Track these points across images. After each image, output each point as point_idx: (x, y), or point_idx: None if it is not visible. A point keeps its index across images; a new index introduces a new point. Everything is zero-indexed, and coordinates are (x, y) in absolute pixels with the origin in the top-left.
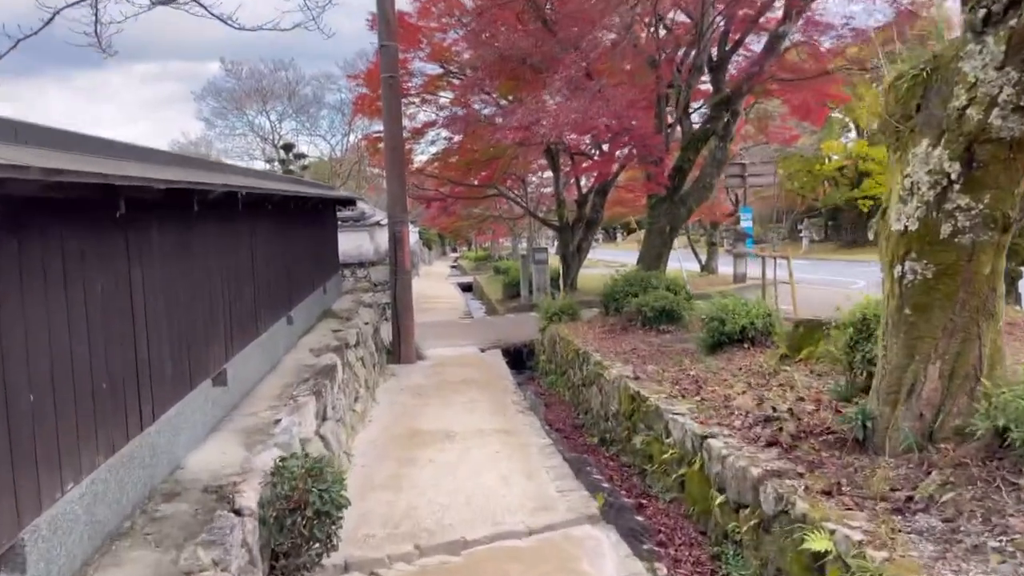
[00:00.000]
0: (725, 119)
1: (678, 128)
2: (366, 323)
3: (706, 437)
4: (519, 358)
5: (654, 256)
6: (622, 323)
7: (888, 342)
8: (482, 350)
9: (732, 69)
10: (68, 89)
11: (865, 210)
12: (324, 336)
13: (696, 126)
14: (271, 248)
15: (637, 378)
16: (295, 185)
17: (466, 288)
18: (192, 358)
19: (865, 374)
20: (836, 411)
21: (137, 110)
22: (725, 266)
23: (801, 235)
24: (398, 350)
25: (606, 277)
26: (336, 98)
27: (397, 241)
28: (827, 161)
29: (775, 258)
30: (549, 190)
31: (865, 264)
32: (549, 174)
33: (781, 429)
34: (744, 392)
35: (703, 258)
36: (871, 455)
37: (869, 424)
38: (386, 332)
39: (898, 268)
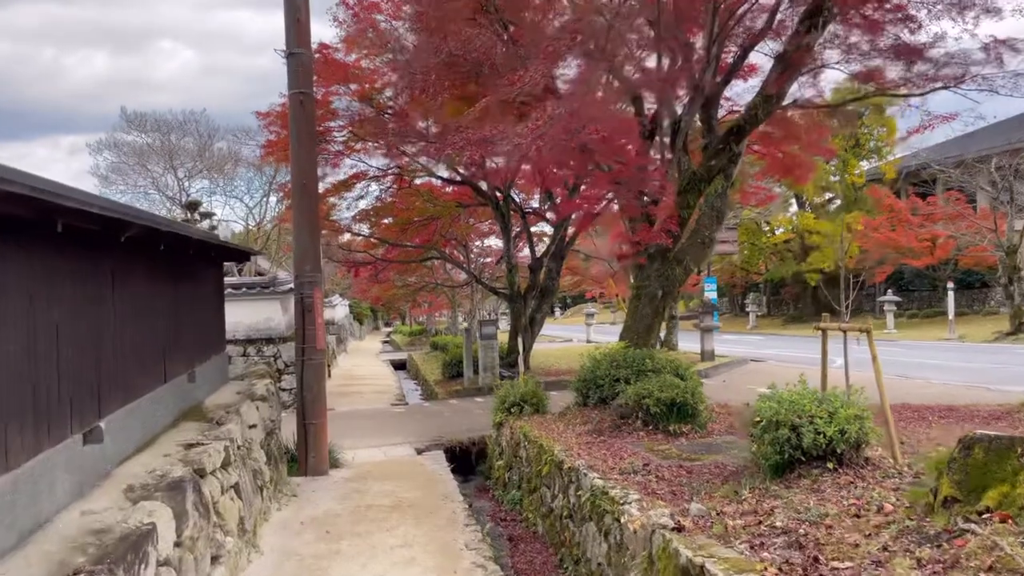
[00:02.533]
0: (731, 154)
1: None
2: (252, 426)
3: None
4: (467, 460)
5: (643, 328)
6: (611, 419)
7: None
8: (419, 451)
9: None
10: None
11: (812, 284)
12: (166, 457)
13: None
14: (53, 309)
15: (680, 529)
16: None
17: (399, 366)
18: None
19: None
20: None
21: (64, 181)
22: (684, 342)
23: (747, 310)
24: (305, 458)
25: (561, 354)
26: (255, 154)
27: (306, 309)
28: (773, 234)
29: (844, 332)
30: (491, 260)
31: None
32: (491, 242)
33: None
34: None
35: (662, 333)
36: None
37: None
38: (291, 430)
39: None
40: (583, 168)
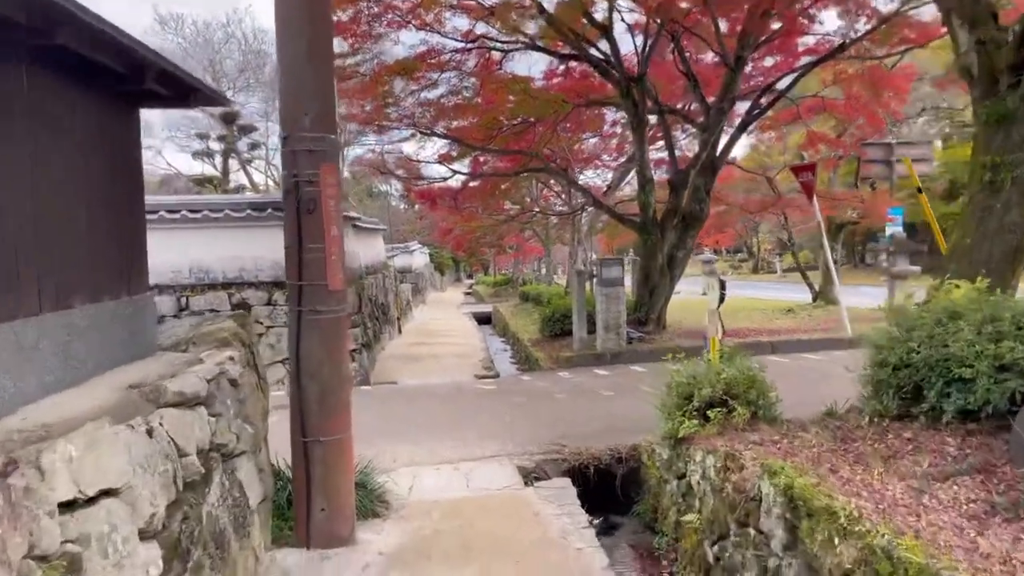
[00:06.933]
0: None
1: None
2: (105, 492)
3: None
4: (607, 485)
5: (1001, 254)
6: (992, 456)
7: None
8: (525, 472)
9: None
10: None
11: None
12: None
13: None
14: None
15: None
16: None
17: (483, 320)
18: None
19: None
20: None
21: None
22: (846, 295)
23: (882, 261)
24: (306, 512)
25: (679, 309)
26: None
27: (303, 206)
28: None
29: None
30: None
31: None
32: (588, 177)
33: None
34: None
35: (815, 283)
36: None
37: None
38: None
39: None
40: None
